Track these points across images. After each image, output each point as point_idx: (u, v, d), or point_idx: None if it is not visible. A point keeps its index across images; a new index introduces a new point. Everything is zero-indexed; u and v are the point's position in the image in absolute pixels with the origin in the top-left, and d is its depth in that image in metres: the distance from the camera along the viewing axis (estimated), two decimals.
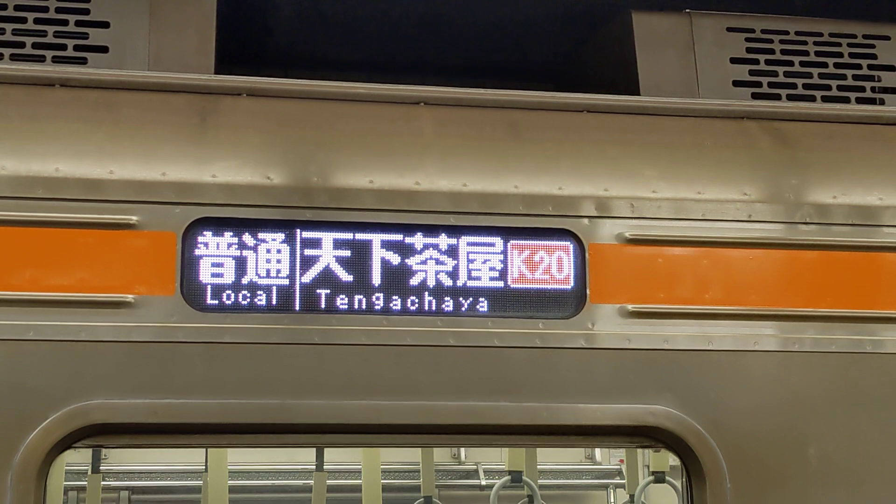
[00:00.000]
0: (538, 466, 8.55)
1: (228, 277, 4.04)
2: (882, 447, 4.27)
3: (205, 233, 4.05)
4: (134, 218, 4.01)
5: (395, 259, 4.14)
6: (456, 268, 4.16)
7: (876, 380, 4.30)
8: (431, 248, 4.16)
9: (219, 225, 4.06)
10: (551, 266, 4.21)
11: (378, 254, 4.13)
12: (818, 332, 4.29)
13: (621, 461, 10.28)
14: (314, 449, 8.09)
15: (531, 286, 4.19)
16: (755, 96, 4.86)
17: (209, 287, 4.03)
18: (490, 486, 9.33)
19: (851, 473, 4.24)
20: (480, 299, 4.16)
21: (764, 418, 4.22)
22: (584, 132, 4.51)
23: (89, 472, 8.23)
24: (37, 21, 4.51)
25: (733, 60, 4.95)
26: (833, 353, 4.29)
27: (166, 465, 9.97)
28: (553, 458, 10.16)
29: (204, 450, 8.06)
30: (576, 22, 5.61)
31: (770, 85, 4.92)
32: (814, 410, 4.26)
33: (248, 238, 4.07)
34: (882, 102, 4.97)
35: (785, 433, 4.22)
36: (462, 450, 10.58)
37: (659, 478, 8.26)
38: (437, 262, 4.16)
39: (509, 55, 5.99)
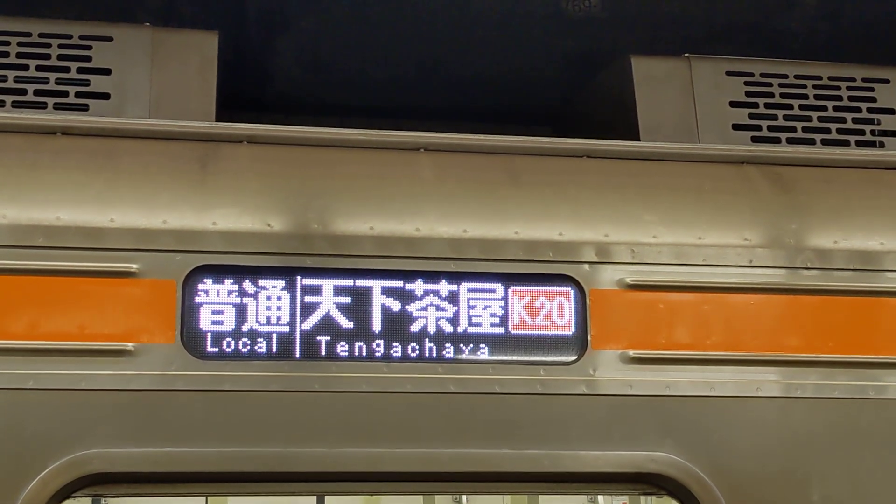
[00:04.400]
0: None
1: (229, 325, 4.03)
2: (886, 494, 4.23)
3: (205, 280, 4.05)
4: (134, 266, 4.00)
5: (395, 305, 4.13)
6: (456, 314, 4.15)
7: (879, 425, 4.28)
8: (432, 295, 4.15)
9: (219, 272, 4.06)
10: (552, 312, 4.20)
11: (378, 300, 4.12)
12: (820, 378, 4.27)
13: None
14: (314, 496, 8.05)
15: (532, 332, 4.18)
16: (755, 140, 4.87)
17: (209, 335, 4.01)
18: None
19: None
20: (481, 345, 4.15)
21: (767, 464, 4.19)
22: (584, 177, 4.51)
23: None
24: (38, 68, 4.53)
25: (733, 104, 4.96)
26: (836, 398, 4.27)
27: None
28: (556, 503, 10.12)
29: (204, 497, 8.03)
30: (575, 66, 5.65)
31: (770, 128, 4.93)
32: (817, 456, 4.23)
33: (248, 285, 4.06)
34: (882, 146, 4.98)
35: (788, 479, 4.19)
36: (464, 496, 10.54)
37: None
38: (438, 308, 4.15)
39: (509, 100, 6.02)
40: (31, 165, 4.16)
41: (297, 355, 4.05)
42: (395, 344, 4.10)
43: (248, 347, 4.03)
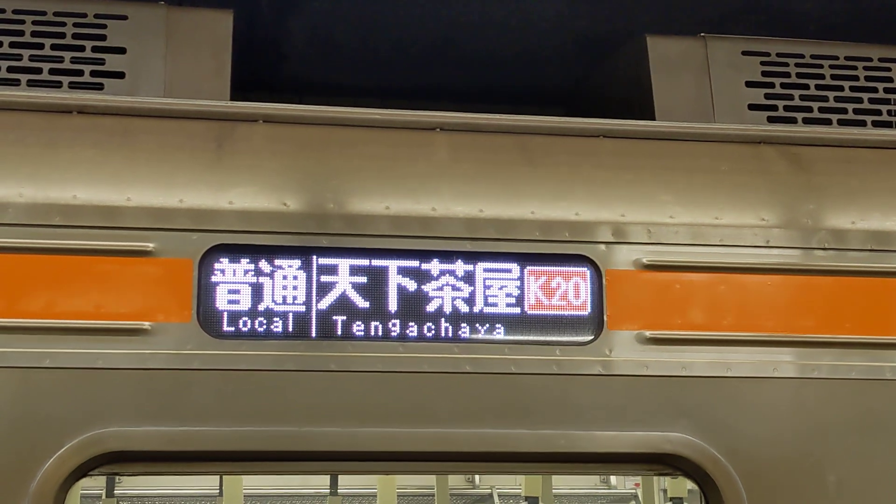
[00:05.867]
0: (553, 491, 8.53)
1: (245, 304, 4.03)
2: None
3: (221, 259, 4.05)
4: (150, 245, 4.01)
5: (411, 285, 4.13)
6: (472, 294, 4.15)
7: (895, 406, 4.27)
8: (448, 275, 4.15)
9: (235, 252, 4.06)
10: (568, 292, 4.20)
11: (394, 280, 4.12)
12: (836, 359, 4.27)
13: (637, 485, 10.26)
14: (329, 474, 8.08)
15: (548, 312, 4.18)
16: (771, 120, 4.85)
17: (225, 314, 4.02)
18: None
19: (871, 500, 4.21)
20: (497, 326, 4.14)
21: (783, 445, 4.19)
22: (600, 157, 4.50)
23: (103, 497, 8.24)
24: (53, 47, 4.52)
25: (749, 84, 4.93)
26: (852, 379, 4.26)
27: (181, 490, 9.98)
28: (568, 483, 10.14)
29: (219, 475, 8.06)
30: (590, 46, 5.62)
31: (786, 108, 4.90)
32: (833, 437, 4.23)
33: (264, 265, 4.06)
34: None
35: (804, 460, 4.19)
36: (478, 475, 10.57)
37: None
38: (454, 288, 4.15)
39: (523, 80, 6.00)
40: (48, 144, 4.16)
41: (313, 335, 4.05)
42: (410, 324, 4.10)
43: (264, 327, 4.03)
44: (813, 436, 4.22)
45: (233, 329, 4.01)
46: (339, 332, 4.06)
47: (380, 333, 4.08)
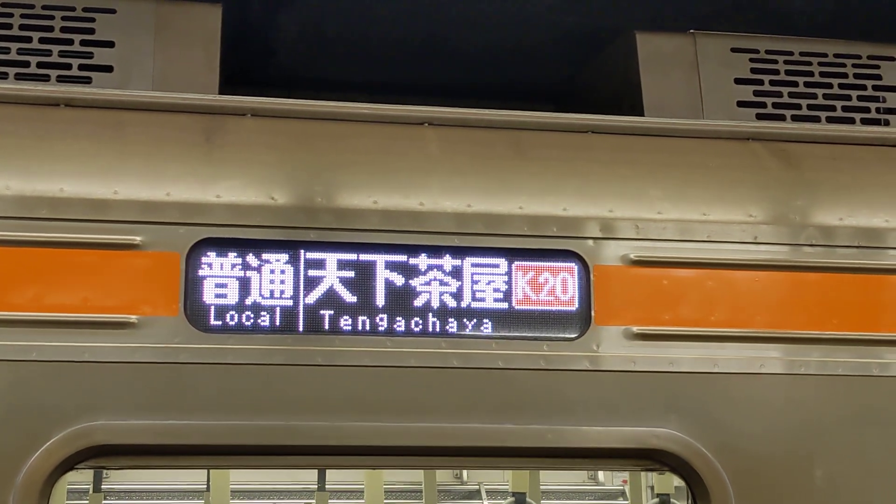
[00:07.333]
0: (541, 487, 8.53)
1: (232, 298, 4.02)
2: (889, 470, 4.25)
3: (209, 253, 4.04)
4: (138, 238, 4.00)
5: (399, 280, 4.12)
6: (460, 289, 4.14)
7: (882, 402, 4.28)
8: (435, 269, 4.15)
9: (223, 245, 4.05)
10: (556, 287, 4.20)
11: (382, 274, 4.12)
12: (824, 355, 4.28)
13: (624, 482, 10.28)
14: (316, 469, 8.07)
15: (536, 308, 4.17)
16: (760, 117, 4.85)
17: (213, 308, 4.01)
18: None
19: (859, 497, 4.22)
20: (484, 321, 4.14)
21: (770, 441, 4.19)
22: (589, 153, 4.50)
23: (90, 492, 8.22)
24: (41, 41, 4.52)
25: (738, 81, 4.94)
26: (839, 375, 4.27)
27: (168, 485, 9.97)
28: (556, 479, 10.14)
29: (206, 469, 8.05)
30: (580, 43, 5.62)
31: (775, 105, 4.91)
32: (820, 433, 4.23)
33: (251, 258, 4.06)
34: (887, 123, 4.97)
35: (791, 456, 4.20)
36: (465, 470, 10.56)
37: (664, 500, 8.24)
38: (442, 283, 4.14)
39: (513, 77, 6.00)
40: (36, 137, 4.15)
41: (301, 329, 4.04)
42: (398, 318, 4.09)
43: (252, 321, 4.02)
44: (800, 432, 4.23)
45: (220, 323, 4.01)
46: (327, 327, 4.05)
47: (367, 328, 4.07)
